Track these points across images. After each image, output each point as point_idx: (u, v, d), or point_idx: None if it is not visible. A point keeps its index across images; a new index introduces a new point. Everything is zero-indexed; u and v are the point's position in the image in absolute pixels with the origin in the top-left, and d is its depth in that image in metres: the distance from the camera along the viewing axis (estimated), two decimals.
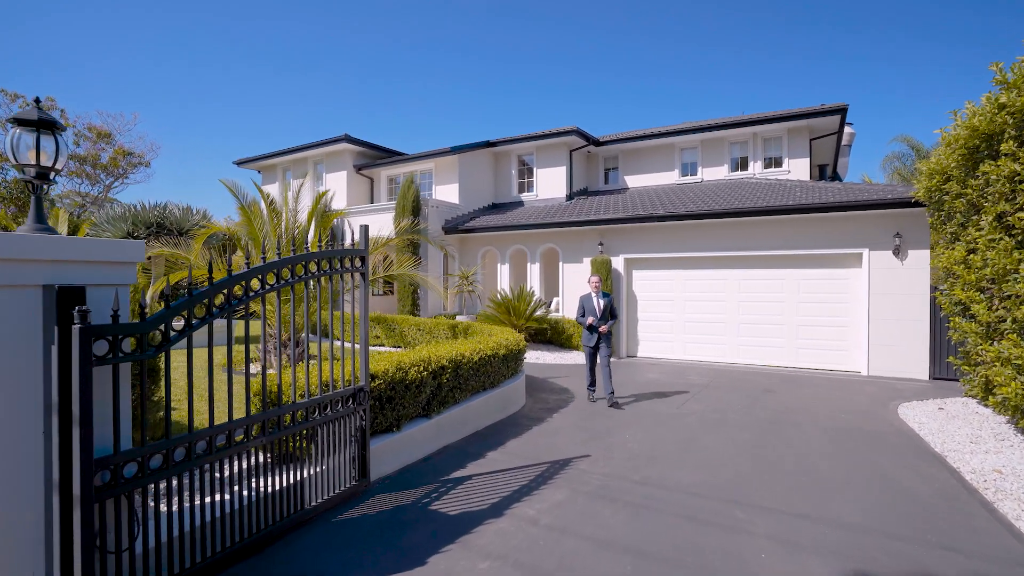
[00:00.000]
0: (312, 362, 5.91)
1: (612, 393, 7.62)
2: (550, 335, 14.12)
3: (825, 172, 19.93)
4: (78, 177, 18.41)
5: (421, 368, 5.14)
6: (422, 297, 15.57)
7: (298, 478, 3.62)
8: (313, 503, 3.73)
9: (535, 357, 12.57)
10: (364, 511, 3.91)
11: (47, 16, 36.67)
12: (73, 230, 15.05)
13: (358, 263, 4.17)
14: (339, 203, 18.65)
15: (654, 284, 13.12)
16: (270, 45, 61.35)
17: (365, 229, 4.22)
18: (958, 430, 6.31)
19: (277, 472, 3.44)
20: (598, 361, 7.86)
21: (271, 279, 3.37)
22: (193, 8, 48.35)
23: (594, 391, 7.97)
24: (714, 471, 4.91)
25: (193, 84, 56.59)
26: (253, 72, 64.12)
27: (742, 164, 16.39)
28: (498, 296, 13.93)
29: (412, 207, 15.15)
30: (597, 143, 17.70)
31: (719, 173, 16.51)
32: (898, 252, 10.36)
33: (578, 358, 12.38)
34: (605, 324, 7.59)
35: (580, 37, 61.76)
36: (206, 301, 2.90)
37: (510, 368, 7.30)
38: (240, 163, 21.19)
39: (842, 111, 13.90)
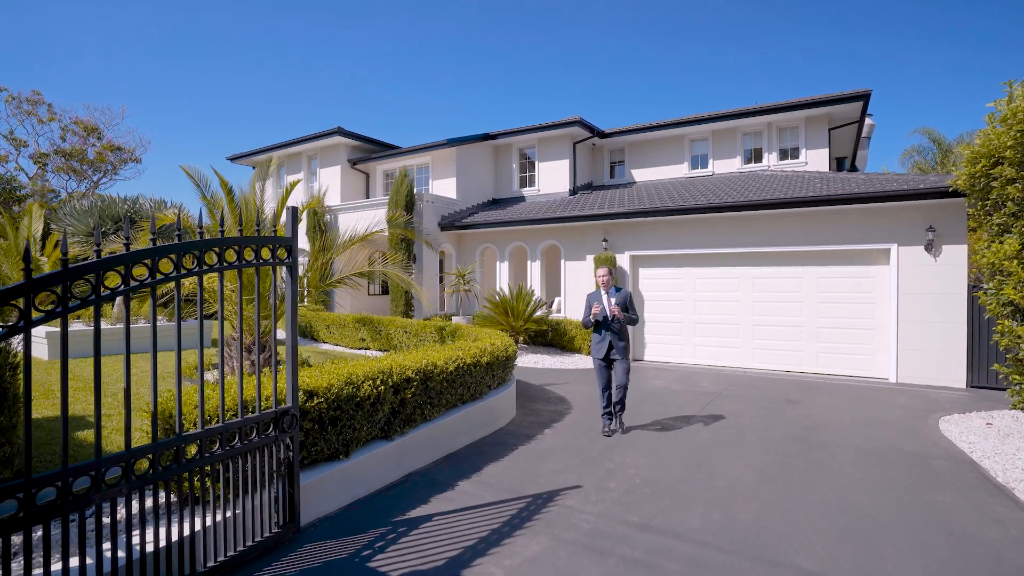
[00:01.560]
0: (265, 374, 5.06)
1: (622, 409, 6.13)
2: (551, 337, 13.25)
3: (843, 165, 18.90)
4: (65, 173, 17.83)
5: (378, 382, 4.30)
6: (416, 297, 14.75)
7: (188, 531, 2.79)
8: (214, 561, 2.90)
9: (533, 361, 11.72)
10: (284, 569, 3.08)
11: (35, 6, 36.13)
12: (47, 229, 14.45)
13: (282, 254, 3.33)
14: (333, 199, 17.92)
15: (662, 283, 12.22)
16: (269, 40, 60.91)
17: (292, 212, 3.38)
18: (1017, 452, 5.37)
19: (157, 524, 2.61)
20: (613, 379, 6.02)
21: (140, 272, 2.54)
22: (187, 2, 47.89)
23: (610, 420, 6.11)
24: (732, 509, 4.02)
25: (187, 78, 56.21)
26: (251, 67, 63.75)
27: (756, 156, 15.42)
28: (495, 296, 13.09)
29: (405, 202, 14.34)
30: (602, 135, 16.79)
31: (731, 166, 15.55)
32: (931, 247, 9.38)
33: (580, 362, 11.51)
34: (615, 324, 5.77)
35: (587, 35, 60.81)
36: (20, 302, 2.07)
37: (496, 377, 6.45)
38: (233, 159, 20.50)
39: (864, 97, 12.90)
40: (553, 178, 16.65)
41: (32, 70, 36.51)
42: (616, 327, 5.87)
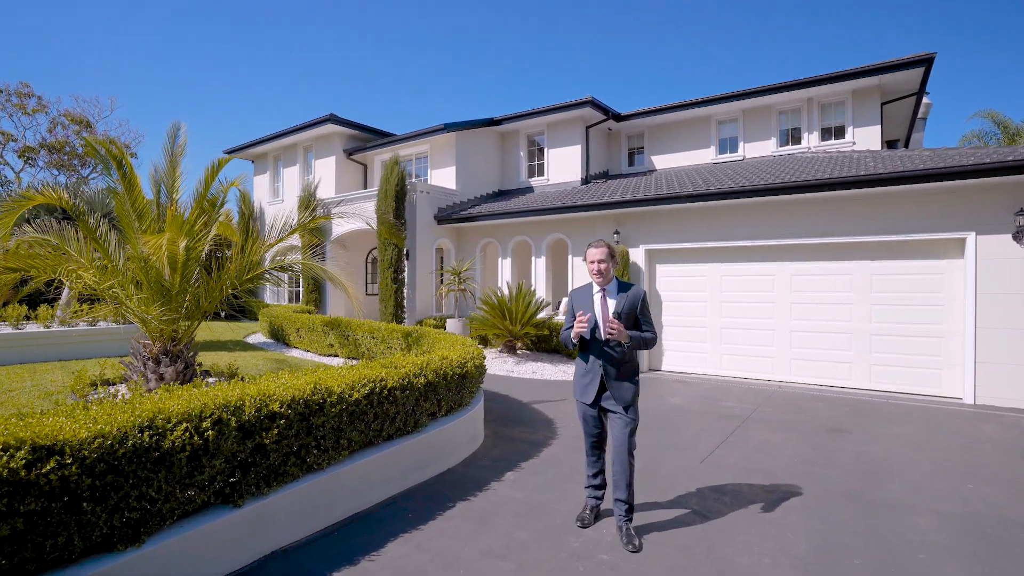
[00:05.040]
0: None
1: (627, 508, 3.47)
2: (556, 343, 11.66)
3: (896, 148, 16.71)
4: (55, 168, 17.16)
5: (206, 424, 2.83)
6: (408, 298, 13.38)
7: None
8: None
9: (531, 371, 10.16)
10: None
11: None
12: None
13: None
14: (328, 191, 16.72)
15: (682, 281, 10.48)
16: (273, 31, 60.66)
17: None
18: None
19: None
20: (608, 438, 3.61)
21: None
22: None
23: (598, 499, 3.75)
24: None
25: (185, 70, 56.25)
26: (253, 58, 63.71)
27: (793, 137, 13.50)
28: (492, 297, 11.58)
29: (395, 193, 12.98)
30: (618, 118, 15.10)
31: (765, 148, 13.68)
32: (1021, 236, 7.44)
33: None
34: (614, 348, 3.41)
35: (600, 19, 58.61)
36: None
37: (445, 401, 4.93)
38: (230, 152, 19.54)
39: (927, 62, 10.89)
40: (564, 166, 15.05)
41: (20, 62, 36.15)
42: (617, 352, 3.43)
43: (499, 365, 10.68)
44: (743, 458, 5.16)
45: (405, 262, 13.29)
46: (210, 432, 2.82)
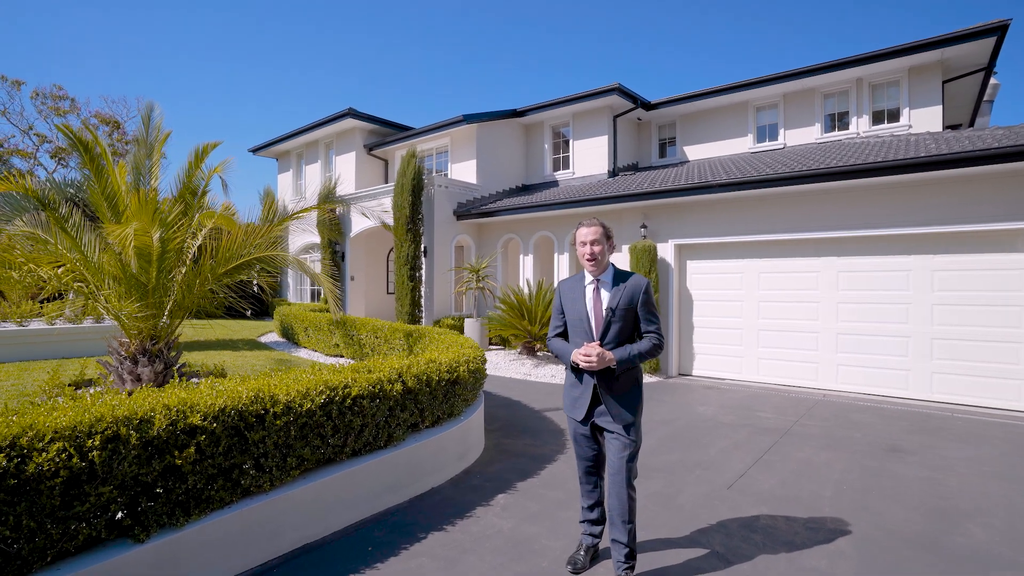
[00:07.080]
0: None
1: (628, 553, 2.79)
2: None
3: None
4: (87, 168, 17.40)
5: (97, 441, 2.29)
6: (426, 296, 12.87)
7: None
8: None
9: (551, 374, 9.50)
10: None
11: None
12: None
13: None
14: (348, 187, 16.43)
15: (716, 279, 9.60)
16: (285, 24, 61.23)
17: None
18: None
19: None
20: (606, 463, 2.90)
21: None
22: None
23: (595, 537, 3.07)
24: None
25: (204, 68, 57.40)
26: (271, 56, 64.45)
27: (840, 122, 12.39)
28: (510, 295, 10.97)
29: (412, 187, 12.50)
30: (647, 106, 14.23)
31: (808, 135, 12.60)
32: None
33: None
34: (607, 354, 2.71)
35: (634, 8, 56.87)
36: None
37: (434, 410, 4.31)
38: (255, 150, 19.55)
39: (1001, 30, 9.65)
40: (590, 159, 14.28)
41: (44, 60, 37.09)
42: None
43: (516, 368, 10.05)
44: (780, 484, 4.35)
45: (423, 259, 12.79)
46: (96, 452, 2.28)
